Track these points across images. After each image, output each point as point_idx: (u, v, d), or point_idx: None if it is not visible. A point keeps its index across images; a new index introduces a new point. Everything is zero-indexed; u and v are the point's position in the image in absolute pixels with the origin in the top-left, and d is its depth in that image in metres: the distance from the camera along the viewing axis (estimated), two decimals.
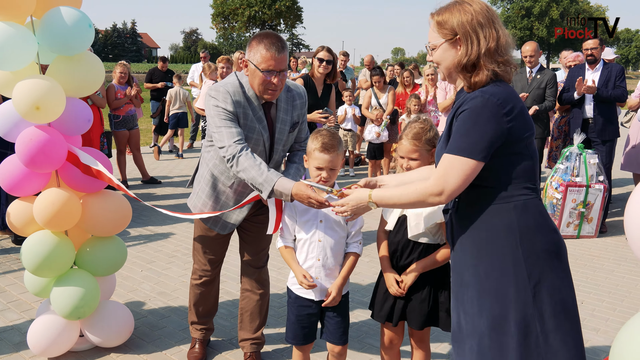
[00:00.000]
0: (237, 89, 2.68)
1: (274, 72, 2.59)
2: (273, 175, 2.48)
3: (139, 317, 3.78)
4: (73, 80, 2.99)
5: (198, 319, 3.26)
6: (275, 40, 2.59)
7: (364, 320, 3.78)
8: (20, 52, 2.79)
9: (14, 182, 3.04)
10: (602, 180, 5.76)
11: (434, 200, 1.93)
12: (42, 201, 2.95)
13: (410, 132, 2.52)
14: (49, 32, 2.81)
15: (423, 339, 2.71)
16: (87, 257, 3.23)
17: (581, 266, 4.99)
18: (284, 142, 2.85)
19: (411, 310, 2.57)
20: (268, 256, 3.21)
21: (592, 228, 5.82)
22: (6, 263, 4.72)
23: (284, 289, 4.32)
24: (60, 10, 2.80)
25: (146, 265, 4.80)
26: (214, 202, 2.94)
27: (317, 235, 2.56)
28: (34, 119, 2.88)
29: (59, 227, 3.04)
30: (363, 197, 2.13)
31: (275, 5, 55.97)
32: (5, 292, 4.13)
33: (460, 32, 1.94)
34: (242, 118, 2.67)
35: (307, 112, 2.99)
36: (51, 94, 2.82)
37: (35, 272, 3.05)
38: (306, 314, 2.64)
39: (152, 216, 6.26)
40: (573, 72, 6.26)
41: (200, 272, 3.16)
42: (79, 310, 3.09)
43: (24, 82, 2.81)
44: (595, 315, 3.96)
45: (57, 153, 2.94)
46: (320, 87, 5.08)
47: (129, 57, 79.52)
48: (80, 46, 2.91)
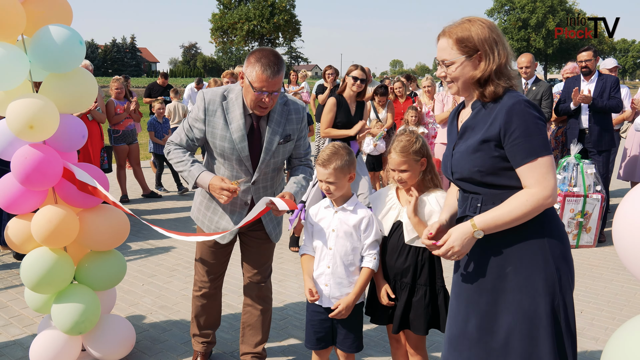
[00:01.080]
0: (222, 97, 2.84)
1: (266, 92, 2.67)
2: (195, 171, 2.82)
3: (141, 330, 3.79)
4: (66, 97, 3.00)
5: (200, 332, 3.28)
6: (272, 63, 2.64)
7: (365, 331, 3.79)
8: (12, 72, 2.80)
9: (11, 200, 3.05)
10: (599, 190, 5.80)
11: (548, 202, 1.99)
12: (40, 219, 2.96)
13: (398, 146, 2.58)
14: (40, 50, 2.82)
15: (419, 345, 2.75)
16: (86, 272, 3.24)
17: (580, 275, 5.01)
18: (272, 152, 2.88)
19: (415, 317, 2.62)
20: (270, 272, 3.23)
21: (590, 237, 5.85)
22: (8, 278, 4.73)
23: (285, 301, 4.34)
24: (50, 28, 2.82)
25: (147, 279, 4.82)
26: (211, 212, 3.02)
27: (329, 243, 2.63)
28: (28, 138, 2.89)
29: (57, 244, 3.05)
30: (466, 230, 2.03)
31: (273, 20, 56.36)
32: (7, 308, 4.15)
33: (482, 48, 2.04)
34: (210, 125, 2.84)
35: (306, 128, 3.05)
36: (44, 112, 2.83)
37: (35, 289, 3.06)
38: (318, 319, 2.70)
39: (153, 230, 6.26)
40: (569, 83, 6.32)
41: (200, 284, 3.20)
42: (80, 325, 3.11)
43: (17, 102, 2.82)
44: (594, 325, 3.97)
45: (52, 170, 2.95)
46: (353, 105, 5.17)
47: (129, 71, 79.92)
48: (71, 63, 2.93)
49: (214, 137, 2.84)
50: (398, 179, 2.60)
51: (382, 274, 2.67)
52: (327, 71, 8.64)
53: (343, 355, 2.75)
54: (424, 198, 2.60)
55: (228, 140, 2.81)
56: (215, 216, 3.01)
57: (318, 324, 2.70)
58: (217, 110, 2.82)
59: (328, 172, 2.55)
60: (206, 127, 2.84)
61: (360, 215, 2.60)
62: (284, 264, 5.25)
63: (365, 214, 2.61)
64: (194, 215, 3.16)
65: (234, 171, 2.89)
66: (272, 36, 58.90)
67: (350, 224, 2.59)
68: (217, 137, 2.83)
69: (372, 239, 2.61)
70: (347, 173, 2.58)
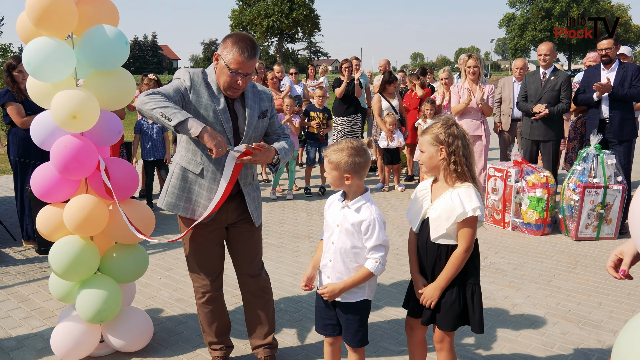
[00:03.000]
0: (204, 74, 2.88)
1: (241, 74, 2.77)
2: (184, 114, 2.61)
3: (158, 322, 3.86)
4: (107, 93, 3.18)
5: (216, 339, 3.22)
6: (249, 47, 2.76)
7: (378, 324, 3.81)
8: (60, 66, 3.02)
9: (46, 188, 3.21)
10: (620, 180, 5.69)
11: None
12: (73, 206, 3.09)
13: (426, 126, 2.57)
14: (88, 48, 3.02)
15: (444, 340, 2.71)
16: (110, 263, 3.34)
17: (600, 268, 4.94)
18: (254, 126, 2.96)
19: (443, 313, 2.60)
20: (262, 264, 3.21)
21: (611, 229, 5.75)
22: (30, 272, 4.85)
23: (299, 293, 4.37)
24: (100, 28, 3.02)
25: (165, 272, 4.89)
26: (187, 193, 2.96)
27: (333, 237, 2.64)
28: (70, 128, 3.05)
29: (87, 232, 3.17)
30: None
31: (292, 15, 56.33)
32: (29, 300, 4.25)
33: None
34: (194, 94, 2.83)
35: (274, 108, 3.14)
36: (87, 104, 3.01)
37: (63, 276, 3.16)
38: (324, 307, 2.73)
39: (172, 224, 6.37)
40: (588, 72, 6.21)
41: (201, 290, 3.12)
42: (102, 314, 3.20)
43: (62, 93, 3.01)
44: (613, 317, 3.92)
45: (89, 161, 3.10)
46: None
47: (150, 69, 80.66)
48: (116, 62, 3.12)
49: (199, 105, 2.83)
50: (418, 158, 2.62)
51: (418, 269, 2.67)
52: (344, 64, 8.62)
53: (349, 348, 2.75)
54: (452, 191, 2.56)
55: (213, 109, 2.84)
56: (193, 195, 2.95)
57: (324, 311, 2.74)
58: (201, 83, 2.87)
59: (325, 162, 2.62)
60: (190, 94, 2.84)
61: (361, 217, 2.55)
62: (299, 257, 5.28)
63: (366, 217, 2.55)
64: (166, 202, 2.99)
65: None
66: (292, 31, 58.93)
67: (350, 222, 2.58)
68: (201, 106, 2.83)
69: (374, 243, 2.54)
70: (342, 172, 2.54)
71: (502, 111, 7.67)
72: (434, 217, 2.57)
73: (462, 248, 2.52)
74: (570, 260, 5.17)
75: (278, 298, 4.24)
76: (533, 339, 3.60)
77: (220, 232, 3.06)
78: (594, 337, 3.61)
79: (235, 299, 4.23)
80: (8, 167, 9.50)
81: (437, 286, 2.56)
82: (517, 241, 5.77)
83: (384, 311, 4.03)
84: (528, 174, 6.01)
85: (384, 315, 3.97)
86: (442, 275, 2.55)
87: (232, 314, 3.95)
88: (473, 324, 2.60)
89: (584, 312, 4.00)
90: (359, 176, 2.57)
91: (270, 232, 6.13)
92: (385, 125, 7.89)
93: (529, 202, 5.93)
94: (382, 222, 2.57)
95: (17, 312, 4.05)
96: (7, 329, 3.78)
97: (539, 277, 4.72)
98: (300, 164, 10.06)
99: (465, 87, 6.68)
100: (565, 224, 5.85)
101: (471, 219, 2.49)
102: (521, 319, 3.89)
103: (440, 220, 2.54)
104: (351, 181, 2.55)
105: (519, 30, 71.64)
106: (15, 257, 5.28)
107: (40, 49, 2.94)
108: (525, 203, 5.97)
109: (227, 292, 4.24)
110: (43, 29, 2.97)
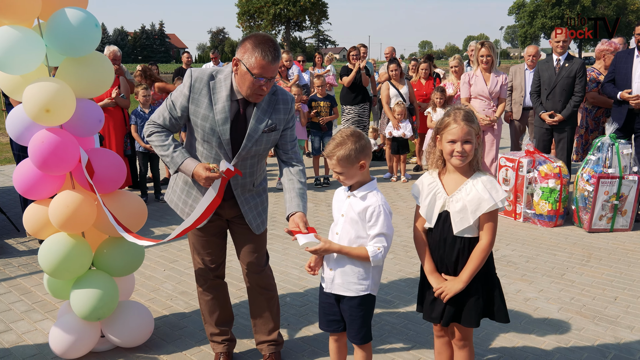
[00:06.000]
0: (210, 77, 2.73)
1: (264, 78, 2.58)
2: (178, 158, 2.72)
3: (160, 316, 3.77)
4: (82, 81, 2.96)
5: (217, 329, 3.14)
6: (272, 48, 2.55)
7: (386, 319, 3.70)
8: (28, 56, 2.76)
9: (29, 185, 3.05)
10: (636, 171, 5.53)
11: None
12: (57, 203, 2.94)
13: (460, 115, 2.41)
14: (55, 33, 2.78)
15: (468, 336, 2.64)
16: (104, 258, 3.22)
17: (615, 261, 4.80)
18: (255, 140, 2.76)
19: (467, 310, 2.50)
20: (267, 258, 3.11)
21: (626, 221, 5.60)
22: (32, 264, 4.78)
23: (306, 287, 4.27)
24: (66, 11, 2.77)
25: (169, 264, 4.80)
26: (185, 195, 2.91)
27: (337, 228, 2.56)
28: (44, 122, 2.87)
29: (74, 229, 3.03)
30: None
31: (300, 2, 55.85)
32: (31, 293, 4.18)
33: None
34: (193, 104, 2.71)
35: (294, 119, 2.93)
36: (61, 96, 2.80)
37: (53, 275, 3.05)
38: (327, 302, 2.66)
39: (176, 215, 6.26)
40: (619, 57, 5.95)
41: (202, 278, 3.06)
42: (98, 311, 3.09)
43: (33, 85, 2.79)
44: (629, 312, 3.79)
45: (69, 156, 2.93)
46: None
47: (157, 57, 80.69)
48: (87, 47, 2.88)
49: (197, 115, 2.71)
50: (460, 150, 2.39)
51: (434, 267, 2.55)
52: (352, 52, 8.46)
53: (354, 345, 2.68)
54: (471, 182, 2.45)
55: (210, 121, 2.69)
56: (190, 199, 2.90)
57: (327, 307, 2.67)
58: (203, 89, 2.70)
59: (333, 163, 2.47)
60: (189, 104, 2.71)
61: (366, 203, 2.45)
62: (306, 252, 5.16)
63: (371, 203, 2.45)
64: (169, 198, 3.01)
65: (213, 153, 2.77)
66: (299, 19, 58.50)
67: (356, 211, 2.47)
68: (199, 116, 2.71)
69: (377, 230, 2.43)
70: (355, 162, 2.44)
71: (514, 100, 7.48)
72: (456, 210, 2.44)
73: (487, 241, 2.43)
74: (584, 252, 5.04)
75: (284, 291, 4.15)
76: (547, 334, 3.48)
77: (220, 224, 2.98)
78: (610, 334, 3.49)
79: (240, 292, 4.14)
80: (11, 157, 9.44)
81: (461, 279, 2.45)
82: (529, 233, 5.63)
83: (393, 305, 3.92)
84: (541, 164, 5.86)
85: (393, 309, 3.86)
86: (466, 269, 2.44)
87: (237, 307, 3.86)
88: (499, 315, 2.54)
89: (599, 307, 3.87)
90: (369, 157, 2.51)
91: (277, 223, 6.03)
92: (393, 114, 7.73)
93: (541, 192, 5.78)
94: (388, 211, 2.47)
95: (19, 304, 3.97)
96: (8, 322, 3.70)
97: (552, 270, 4.59)
98: (307, 154, 9.95)
99: (478, 75, 6.50)
100: (579, 215, 5.70)
101: (495, 211, 2.41)
102: (534, 314, 3.76)
103: (466, 213, 2.42)
104: (366, 165, 2.48)
105: (528, 17, 70.86)
106: (18, 249, 5.22)
107: (4, 40, 2.69)
108: (538, 194, 5.82)
109: (232, 285, 4.16)
110: (4, 17, 2.72)
